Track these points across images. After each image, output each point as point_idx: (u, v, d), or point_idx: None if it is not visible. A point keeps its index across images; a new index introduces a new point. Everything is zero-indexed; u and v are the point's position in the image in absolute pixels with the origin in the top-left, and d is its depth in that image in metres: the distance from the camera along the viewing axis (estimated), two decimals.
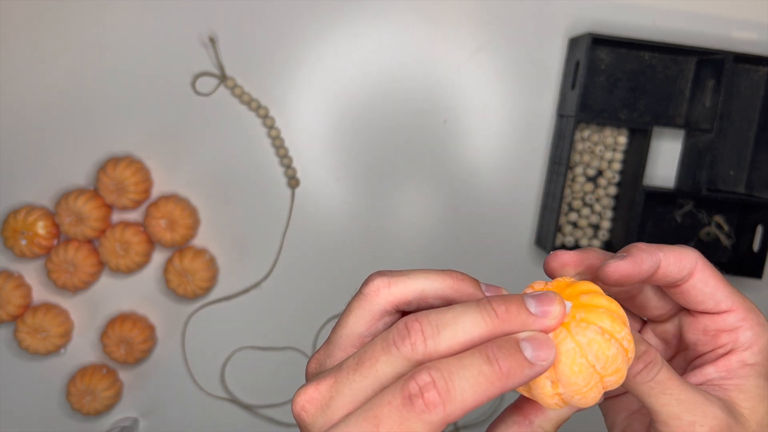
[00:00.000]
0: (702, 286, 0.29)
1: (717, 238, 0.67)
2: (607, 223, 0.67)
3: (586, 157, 0.66)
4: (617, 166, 0.66)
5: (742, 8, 0.65)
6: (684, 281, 0.29)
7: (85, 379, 0.64)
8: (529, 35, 0.65)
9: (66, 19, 0.62)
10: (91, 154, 0.64)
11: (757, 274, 0.64)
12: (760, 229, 0.64)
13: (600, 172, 0.67)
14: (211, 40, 0.63)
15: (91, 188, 0.64)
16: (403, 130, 0.66)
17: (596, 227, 0.67)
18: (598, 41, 0.62)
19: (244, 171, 0.65)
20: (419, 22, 0.64)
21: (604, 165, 0.66)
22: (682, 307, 0.31)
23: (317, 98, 0.65)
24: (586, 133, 0.66)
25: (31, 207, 0.62)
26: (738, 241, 0.67)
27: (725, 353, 0.29)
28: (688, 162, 0.66)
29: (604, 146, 0.66)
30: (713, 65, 0.62)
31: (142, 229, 0.64)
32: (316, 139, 0.65)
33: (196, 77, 0.64)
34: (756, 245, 0.64)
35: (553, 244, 0.63)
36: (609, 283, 0.28)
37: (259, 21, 0.63)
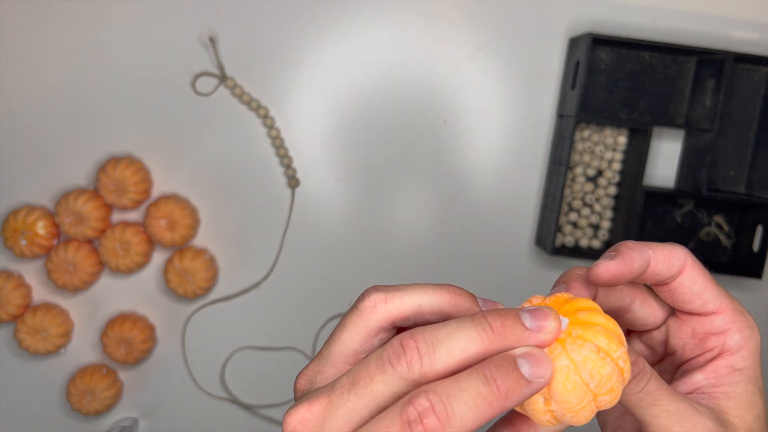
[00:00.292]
0: (690, 284, 0.29)
1: (717, 238, 0.67)
2: (607, 223, 0.67)
3: (586, 157, 0.66)
4: (617, 166, 0.66)
5: (742, 8, 0.65)
6: (673, 279, 0.29)
7: (85, 379, 0.64)
8: (529, 35, 0.65)
9: (66, 19, 0.62)
10: (91, 154, 0.64)
11: (757, 274, 0.64)
12: (760, 229, 0.64)
13: (600, 172, 0.67)
14: (211, 40, 0.63)
15: (91, 188, 0.64)
16: (403, 130, 0.66)
17: (596, 227, 0.67)
18: (598, 41, 0.62)
19: (244, 171, 0.65)
20: (419, 22, 0.64)
21: (604, 165, 0.66)
22: (669, 316, 0.31)
23: (317, 98, 0.65)
24: (586, 133, 0.66)
25: (31, 207, 0.62)
26: (738, 241, 0.66)
27: (713, 357, 0.29)
28: (688, 162, 0.66)
29: (604, 146, 0.66)
30: (713, 65, 0.62)
31: (142, 229, 0.64)
32: (316, 139, 0.65)
33: (196, 77, 0.64)
34: (756, 245, 0.64)
35: (553, 244, 0.63)
36: (600, 283, 0.27)
37: (259, 21, 0.63)
